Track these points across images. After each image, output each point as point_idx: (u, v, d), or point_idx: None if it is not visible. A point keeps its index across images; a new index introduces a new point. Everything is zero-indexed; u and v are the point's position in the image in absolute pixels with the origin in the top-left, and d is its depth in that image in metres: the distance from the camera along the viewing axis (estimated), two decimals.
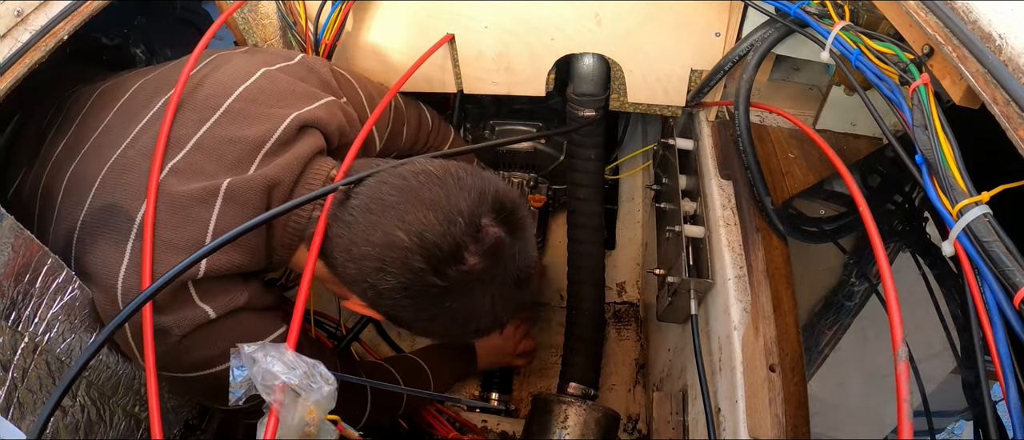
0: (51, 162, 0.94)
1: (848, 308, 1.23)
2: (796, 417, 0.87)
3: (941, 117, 0.70)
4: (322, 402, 0.70)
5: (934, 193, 0.68)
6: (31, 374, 0.73)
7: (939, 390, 1.09)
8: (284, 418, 0.67)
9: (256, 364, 0.68)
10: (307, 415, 0.68)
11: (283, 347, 0.70)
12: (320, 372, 0.70)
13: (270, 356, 0.69)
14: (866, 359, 1.17)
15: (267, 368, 0.68)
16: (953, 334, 1.10)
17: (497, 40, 1.20)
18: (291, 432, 0.68)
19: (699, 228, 1.11)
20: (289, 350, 0.70)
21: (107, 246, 0.81)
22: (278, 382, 0.67)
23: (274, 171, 0.87)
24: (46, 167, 0.94)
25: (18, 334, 0.72)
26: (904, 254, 1.24)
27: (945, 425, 1.11)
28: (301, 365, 0.70)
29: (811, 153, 1.14)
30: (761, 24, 1.05)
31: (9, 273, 0.71)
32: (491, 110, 1.63)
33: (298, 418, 0.68)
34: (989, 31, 0.66)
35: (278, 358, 0.69)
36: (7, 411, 0.68)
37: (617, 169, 1.85)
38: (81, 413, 0.83)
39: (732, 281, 0.98)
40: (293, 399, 0.68)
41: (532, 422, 1.27)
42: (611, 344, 1.66)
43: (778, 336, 0.92)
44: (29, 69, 0.83)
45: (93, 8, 0.92)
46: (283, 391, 0.67)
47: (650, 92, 1.24)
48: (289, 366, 0.69)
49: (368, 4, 1.18)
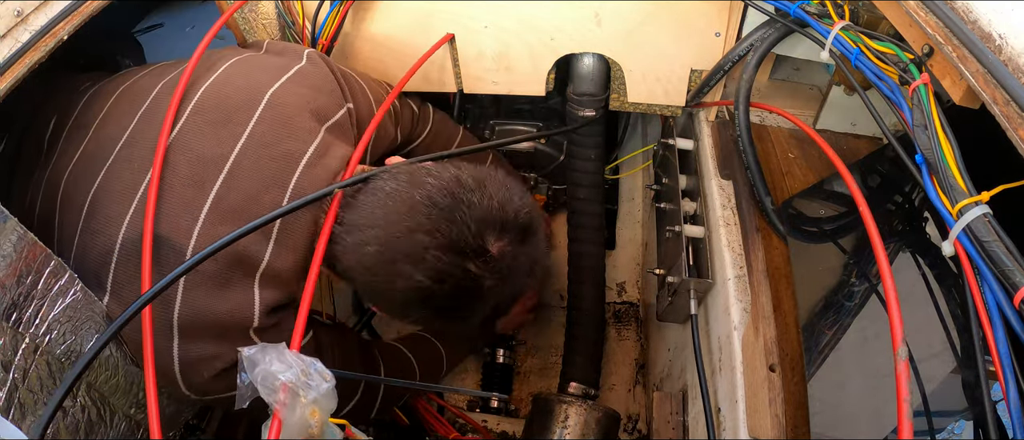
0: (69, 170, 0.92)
1: (848, 308, 1.23)
2: (796, 417, 0.87)
3: (941, 117, 0.70)
4: (322, 401, 0.69)
5: (934, 193, 0.68)
6: (32, 375, 0.73)
7: (939, 390, 1.09)
8: (286, 419, 0.66)
9: (257, 366, 0.67)
10: (309, 416, 0.68)
11: (281, 346, 0.70)
12: (317, 369, 0.69)
13: (269, 356, 0.68)
14: (866, 359, 1.17)
15: (268, 369, 0.67)
16: (953, 334, 1.10)
17: (497, 40, 1.20)
18: (294, 432, 0.67)
19: (699, 228, 1.11)
20: (287, 349, 0.70)
21: None
22: (280, 382, 0.66)
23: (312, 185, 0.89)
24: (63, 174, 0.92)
25: (19, 335, 0.72)
26: (904, 254, 1.25)
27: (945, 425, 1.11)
28: (298, 363, 0.68)
29: (811, 153, 1.14)
30: (761, 24, 1.05)
31: (11, 274, 0.71)
32: (491, 110, 1.62)
33: (298, 417, 0.67)
34: (989, 31, 0.66)
35: (277, 357, 0.68)
36: (8, 412, 0.68)
37: (617, 169, 1.85)
38: (82, 414, 0.83)
39: (732, 281, 0.98)
40: (294, 399, 0.68)
41: (532, 422, 1.26)
42: (611, 344, 1.66)
43: (778, 336, 0.92)
44: (29, 69, 0.83)
45: (93, 8, 0.92)
46: (286, 392, 0.66)
47: (650, 92, 1.24)
48: (287, 365, 0.68)
49: (367, 4, 1.18)
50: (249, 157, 0.87)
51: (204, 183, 0.85)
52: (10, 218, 0.71)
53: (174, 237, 0.82)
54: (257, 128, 0.89)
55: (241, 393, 0.68)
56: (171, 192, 0.84)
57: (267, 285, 0.86)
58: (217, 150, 0.86)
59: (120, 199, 0.85)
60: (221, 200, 0.85)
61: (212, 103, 0.90)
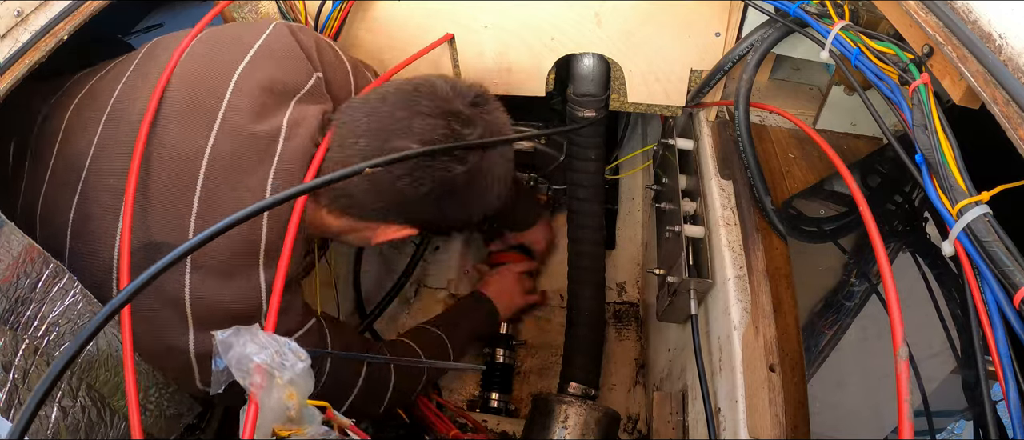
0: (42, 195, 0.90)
1: (848, 308, 1.23)
2: (796, 417, 0.87)
3: (941, 117, 0.70)
4: (298, 381, 0.66)
5: (934, 193, 0.68)
6: (32, 376, 0.73)
7: (939, 390, 1.09)
8: (263, 402, 0.63)
9: (232, 349, 0.64)
10: (286, 399, 0.65)
11: (254, 328, 0.67)
12: (291, 348, 0.67)
13: (243, 338, 0.65)
14: (866, 359, 1.17)
15: (242, 351, 0.64)
16: (953, 334, 1.10)
17: (497, 40, 1.20)
18: (270, 416, 0.64)
19: (699, 228, 1.11)
20: (260, 331, 0.67)
21: None
22: (253, 364, 0.64)
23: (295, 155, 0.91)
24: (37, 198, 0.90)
25: (19, 337, 0.72)
26: (904, 254, 1.25)
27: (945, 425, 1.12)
28: (272, 344, 0.66)
29: (811, 153, 1.14)
30: (761, 24, 1.05)
31: (9, 277, 0.71)
32: None
33: (275, 400, 0.65)
34: (989, 31, 0.66)
35: (250, 339, 0.66)
36: (8, 412, 0.68)
37: (617, 169, 1.85)
38: (82, 414, 0.83)
39: (732, 281, 0.98)
40: (269, 381, 0.65)
41: (532, 422, 1.27)
42: (611, 344, 1.66)
43: (778, 336, 0.92)
44: (29, 69, 0.83)
45: (93, 8, 0.92)
46: (261, 373, 0.64)
47: (650, 92, 1.24)
48: (261, 346, 0.65)
49: (368, 4, 1.18)
50: (226, 144, 0.86)
51: (186, 183, 0.84)
52: (6, 222, 0.71)
53: (172, 241, 0.82)
54: (228, 114, 0.88)
55: (216, 378, 0.67)
56: (157, 198, 0.83)
57: (271, 264, 0.87)
58: (193, 145, 0.86)
59: (104, 216, 0.84)
60: (209, 194, 0.84)
61: (181, 96, 0.88)
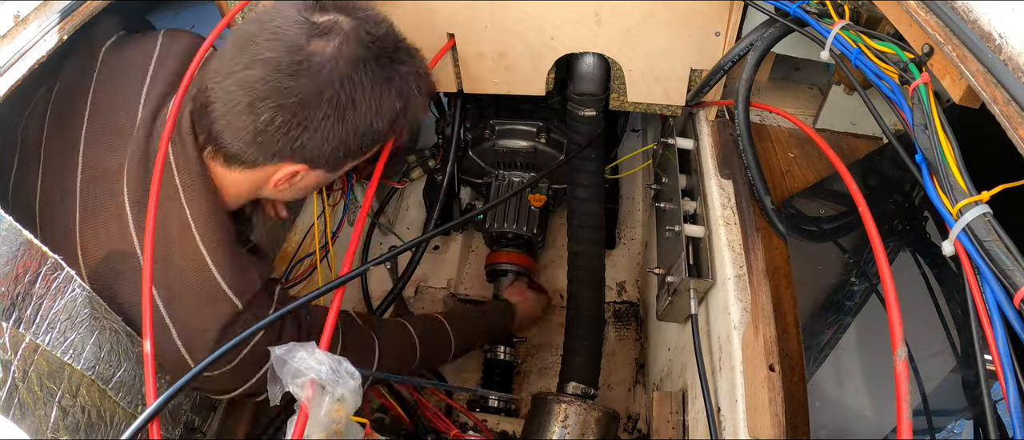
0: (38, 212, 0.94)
1: (848, 308, 1.23)
2: (796, 417, 0.87)
3: (941, 116, 0.70)
4: (347, 398, 0.72)
5: (934, 193, 0.68)
6: (32, 374, 0.73)
7: (939, 390, 1.09)
8: (313, 414, 0.69)
9: (285, 365, 0.70)
10: (334, 413, 0.70)
11: (311, 346, 0.73)
12: (346, 368, 0.73)
13: (300, 355, 0.72)
14: (866, 359, 1.17)
15: (297, 366, 0.70)
16: (953, 334, 1.10)
17: (497, 40, 1.20)
18: (319, 428, 0.69)
19: (699, 228, 1.11)
20: (318, 348, 0.73)
21: None
22: (308, 379, 0.70)
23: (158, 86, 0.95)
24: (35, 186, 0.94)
25: (19, 334, 0.72)
26: (904, 254, 1.24)
27: (945, 425, 1.11)
28: (328, 361, 0.72)
29: (811, 153, 1.14)
30: (761, 23, 1.05)
31: (9, 274, 0.71)
32: (491, 110, 1.62)
33: (325, 413, 0.70)
34: (989, 30, 0.66)
35: (308, 356, 0.72)
36: (8, 411, 0.68)
37: (617, 169, 1.85)
38: (82, 413, 0.83)
39: (732, 281, 0.98)
40: (321, 395, 0.71)
41: (532, 421, 1.27)
42: (611, 344, 1.66)
43: (778, 336, 0.92)
44: (29, 69, 0.83)
45: (93, 8, 0.92)
46: (314, 388, 0.69)
47: (650, 92, 1.24)
48: (318, 362, 0.72)
49: (368, 4, 1.18)
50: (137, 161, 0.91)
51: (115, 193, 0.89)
52: (5, 218, 0.71)
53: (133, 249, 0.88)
54: None
55: (272, 391, 0.73)
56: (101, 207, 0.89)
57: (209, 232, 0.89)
58: (114, 161, 0.90)
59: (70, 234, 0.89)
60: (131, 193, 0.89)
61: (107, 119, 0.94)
